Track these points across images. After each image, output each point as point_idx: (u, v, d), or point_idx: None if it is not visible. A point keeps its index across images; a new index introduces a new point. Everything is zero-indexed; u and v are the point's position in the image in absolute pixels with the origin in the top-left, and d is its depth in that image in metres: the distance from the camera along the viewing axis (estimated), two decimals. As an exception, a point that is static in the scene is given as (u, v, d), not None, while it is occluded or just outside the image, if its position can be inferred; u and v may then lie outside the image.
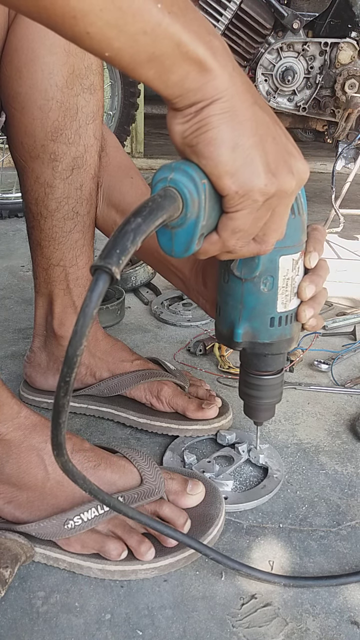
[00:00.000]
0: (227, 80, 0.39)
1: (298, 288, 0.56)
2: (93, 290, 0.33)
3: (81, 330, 0.34)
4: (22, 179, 0.77)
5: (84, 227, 0.79)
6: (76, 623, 0.54)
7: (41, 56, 0.68)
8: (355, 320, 1.16)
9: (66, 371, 0.35)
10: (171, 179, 0.40)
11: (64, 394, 0.36)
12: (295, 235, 0.54)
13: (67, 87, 0.70)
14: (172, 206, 0.39)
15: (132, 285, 1.33)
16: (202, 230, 0.43)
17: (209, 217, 0.42)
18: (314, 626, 0.54)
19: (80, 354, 0.34)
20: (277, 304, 0.55)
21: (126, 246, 0.34)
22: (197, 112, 0.40)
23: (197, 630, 0.53)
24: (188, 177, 0.40)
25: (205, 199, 0.41)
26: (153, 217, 0.37)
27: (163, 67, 0.37)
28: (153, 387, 0.82)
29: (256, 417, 0.65)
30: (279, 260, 0.53)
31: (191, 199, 0.40)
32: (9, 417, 0.59)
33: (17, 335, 1.11)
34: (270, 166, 0.42)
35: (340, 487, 0.72)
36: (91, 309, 0.33)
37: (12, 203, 1.95)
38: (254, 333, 0.56)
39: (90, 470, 0.60)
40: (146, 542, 0.58)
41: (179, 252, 0.43)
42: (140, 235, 0.35)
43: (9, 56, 0.68)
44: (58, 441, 0.39)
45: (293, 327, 0.58)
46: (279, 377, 0.63)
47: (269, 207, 0.44)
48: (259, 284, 0.54)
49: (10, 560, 0.55)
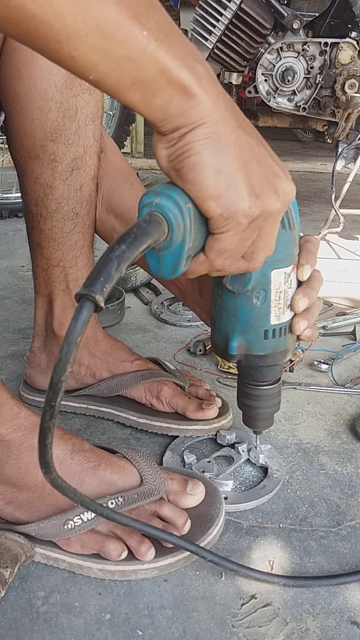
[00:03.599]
0: (210, 105, 0.40)
1: (291, 301, 0.57)
2: (77, 318, 0.35)
3: (65, 357, 0.35)
4: (22, 180, 0.77)
5: (83, 228, 0.79)
6: (76, 623, 0.54)
7: (40, 56, 0.68)
8: (355, 320, 1.16)
9: (51, 396, 0.36)
10: (156, 204, 0.41)
11: (50, 417, 0.37)
12: (286, 250, 0.54)
13: (66, 88, 0.70)
14: (157, 231, 0.40)
15: (132, 285, 1.33)
16: (189, 252, 0.43)
17: (194, 239, 0.43)
18: (314, 626, 0.54)
19: (65, 380, 0.35)
20: (270, 317, 0.56)
21: (110, 274, 0.35)
22: (181, 137, 0.40)
23: (197, 630, 0.53)
24: (173, 201, 0.41)
25: (190, 222, 0.42)
26: (137, 244, 0.37)
27: (147, 91, 0.38)
28: (153, 387, 0.82)
29: (255, 427, 0.66)
30: (271, 274, 0.54)
31: (176, 223, 0.41)
32: (9, 417, 0.59)
33: (17, 335, 1.11)
34: (255, 189, 0.43)
35: (340, 487, 0.72)
36: (75, 336, 0.34)
37: (12, 203, 1.95)
38: (248, 346, 0.57)
39: (90, 471, 0.60)
40: (146, 542, 0.58)
41: (167, 274, 0.44)
42: (124, 262, 0.36)
43: (8, 56, 0.68)
44: (45, 460, 0.40)
45: (287, 338, 0.58)
46: (276, 387, 0.63)
47: (255, 228, 0.45)
48: (251, 298, 0.54)
49: (10, 560, 0.55)
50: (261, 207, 0.43)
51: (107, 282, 0.35)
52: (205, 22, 1.73)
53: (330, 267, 1.55)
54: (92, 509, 0.48)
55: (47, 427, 0.37)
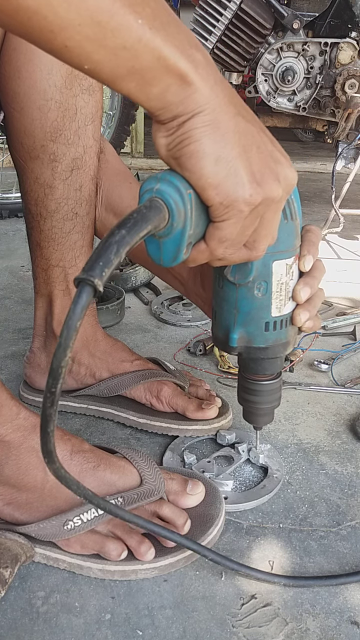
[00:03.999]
0: (208, 93, 0.39)
1: (293, 291, 0.56)
2: (76, 303, 0.34)
3: (65, 342, 0.34)
4: (22, 180, 0.77)
5: (82, 228, 0.79)
6: (76, 623, 0.54)
7: (40, 56, 0.68)
8: (355, 320, 1.16)
9: (51, 382, 0.35)
10: (157, 190, 0.41)
11: (51, 404, 0.36)
12: (288, 240, 0.53)
13: (66, 88, 0.70)
14: (158, 217, 0.40)
15: (132, 285, 1.33)
16: (190, 239, 0.43)
17: (196, 226, 0.43)
18: (314, 626, 0.54)
19: (65, 365, 0.35)
20: (271, 308, 0.55)
21: (109, 259, 0.35)
22: (180, 125, 0.40)
23: (197, 630, 0.53)
24: (173, 187, 0.41)
25: (191, 208, 0.41)
26: (137, 229, 0.37)
27: (144, 80, 0.38)
28: (153, 387, 0.82)
29: (255, 422, 0.66)
30: (272, 265, 0.53)
31: (177, 209, 0.41)
32: (9, 418, 0.59)
33: (17, 335, 1.11)
34: (255, 176, 0.42)
35: (340, 487, 0.72)
36: (75, 321, 0.34)
37: (12, 203, 1.95)
38: (249, 338, 0.56)
39: (90, 471, 0.60)
40: (146, 542, 0.58)
41: (167, 261, 0.44)
42: (123, 247, 0.36)
43: (8, 55, 0.68)
44: (48, 449, 0.39)
45: (289, 331, 0.58)
46: (277, 382, 0.63)
47: (257, 215, 0.44)
48: (252, 289, 0.54)
49: (10, 560, 0.55)
50: (262, 194, 0.42)
51: (106, 267, 0.35)
52: (205, 22, 1.73)
53: (330, 267, 1.55)
54: (94, 502, 0.48)
55: (49, 414, 0.37)
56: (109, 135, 2.15)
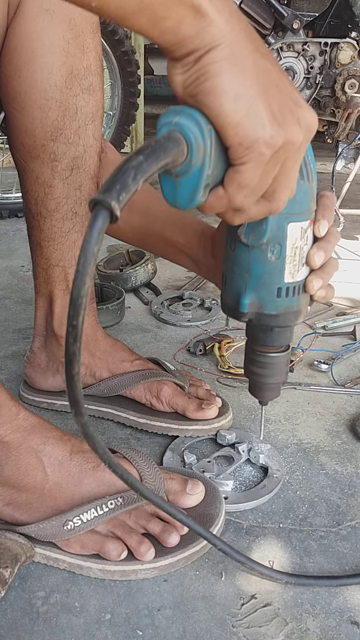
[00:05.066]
0: (224, 25, 0.37)
1: (307, 256, 0.54)
2: (93, 226, 0.32)
3: (83, 269, 0.32)
4: (22, 179, 0.77)
5: (82, 228, 0.79)
6: (76, 623, 0.54)
7: (40, 55, 0.68)
8: (355, 320, 1.16)
9: (72, 314, 0.33)
10: (176, 123, 0.38)
11: (74, 340, 0.33)
12: (304, 202, 0.52)
13: (66, 87, 0.70)
14: (176, 149, 0.37)
15: (132, 285, 1.33)
16: (208, 181, 0.41)
17: (214, 166, 0.40)
18: (314, 626, 0.54)
19: (86, 295, 0.32)
20: (284, 273, 0.53)
21: (127, 182, 0.33)
22: (196, 60, 0.38)
23: (197, 630, 0.53)
24: (193, 121, 0.38)
25: (211, 145, 0.39)
26: (156, 157, 0.35)
27: (155, 14, 0.36)
28: (153, 387, 0.82)
29: (261, 397, 0.64)
30: (287, 227, 0.51)
31: (196, 143, 0.38)
32: (8, 418, 0.59)
33: (17, 335, 1.11)
34: (276, 116, 0.40)
35: (340, 487, 0.72)
36: (92, 245, 0.32)
37: (12, 203, 1.95)
38: (260, 303, 0.55)
39: (90, 471, 0.60)
40: (146, 542, 0.58)
41: (183, 202, 0.41)
42: (141, 173, 0.34)
43: (9, 55, 0.68)
44: (74, 397, 0.35)
45: (300, 299, 0.56)
46: (285, 355, 0.61)
47: (277, 161, 0.42)
48: (266, 252, 0.52)
49: (10, 560, 0.55)
50: (284, 137, 0.40)
51: (124, 191, 0.32)
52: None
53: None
54: (119, 472, 0.45)
55: (73, 352, 0.33)
56: (109, 135, 2.15)
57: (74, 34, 0.68)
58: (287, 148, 0.41)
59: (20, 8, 0.66)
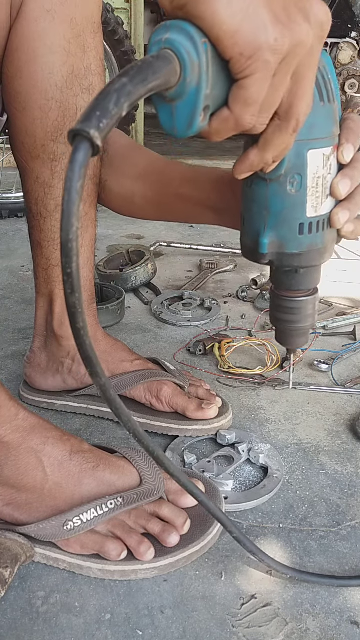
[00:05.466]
0: None
1: (331, 186, 0.49)
2: (73, 161, 0.29)
3: (68, 207, 0.29)
4: (23, 179, 0.77)
5: (82, 228, 0.79)
6: (76, 623, 0.54)
7: (41, 56, 0.68)
8: (355, 320, 1.16)
9: (65, 261, 0.30)
10: (166, 40, 0.34)
11: (71, 291, 0.30)
12: (325, 126, 0.47)
13: (66, 88, 0.70)
14: (167, 69, 0.33)
15: (132, 285, 1.33)
16: (207, 102, 0.36)
17: (213, 85, 0.36)
18: (314, 626, 0.54)
19: (75, 239, 0.30)
20: (306, 207, 0.49)
21: (107, 108, 0.29)
22: None
23: (197, 630, 0.53)
24: (185, 35, 0.34)
25: (207, 61, 0.35)
26: (142, 78, 0.31)
27: None
28: (153, 387, 0.82)
29: (289, 344, 0.60)
30: (307, 155, 0.46)
31: (190, 60, 0.34)
32: (7, 419, 0.59)
33: (17, 335, 1.11)
34: (279, 15, 0.35)
35: (340, 487, 0.72)
36: (75, 182, 0.29)
37: (12, 203, 1.95)
38: (281, 242, 0.50)
39: (89, 472, 0.60)
40: (145, 542, 0.58)
41: (181, 129, 0.37)
42: (125, 97, 0.30)
43: (11, 56, 0.68)
44: (86, 354, 0.32)
45: (326, 235, 0.51)
46: (313, 298, 0.57)
47: (288, 69, 0.37)
48: (285, 184, 0.47)
49: (10, 560, 0.55)
50: (290, 38, 0.35)
51: (105, 117, 0.29)
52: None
53: (330, 267, 1.55)
54: (138, 435, 0.42)
55: (72, 303, 0.31)
56: (109, 135, 2.15)
57: (75, 33, 0.68)
58: (297, 52, 0.36)
59: (23, 9, 0.66)
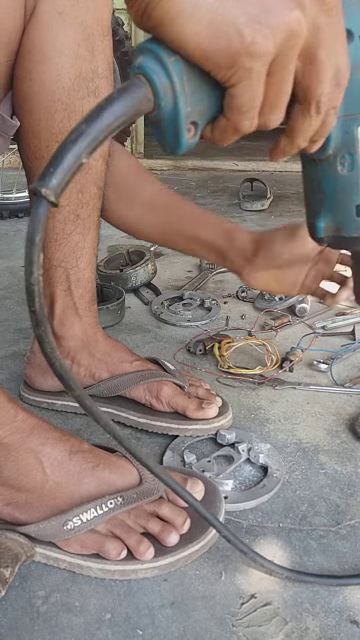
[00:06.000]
0: None
1: None
2: (33, 216, 0.31)
3: (30, 257, 0.31)
4: (28, 180, 0.79)
5: (84, 230, 0.79)
6: (76, 622, 0.54)
7: (50, 58, 0.68)
8: (354, 320, 1.16)
9: (29, 300, 0.33)
10: (139, 65, 0.33)
11: (37, 325, 0.34)
12: None
13: (73, 90, 0.70)
14: (133, 99, 0.32)
15: (132, 285, 1.33)
16: (192, 118, 0.35)
17: (196, 101, 0.34)
18: (313, 625, 0.54)
19: (37, 283, 0.32)
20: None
21: (62, 163, 0.30)
22: None
23: (197, 629, 0.54)
24: (154, 58, 0.33)
25: (181, 80, 0.33)
26: (102, 120, 0.31)
27: None
28: (152, 388, 0.82)
29: None
30: (357, 131, 0.43)
31: (160, 84, 0.33)
32: (6, 420, 0.59)
33: (17, 335, 1.12)
34: (254, 14, 0.31)
35: (340, 487, 0.72)
36: (35, 235, 0.31)
37: (13, 203, 1.95)
38: (337, 226, 0.47)
39: (89, 471, 0.60)
40: (145, 542, 0.58)
41: (173, 148, 0.36)
42: (83, 145, 0.30)
43: (22, 58, 0.69)
44: (57, 372, 0.36)
45: None
46: None
47: (285, 64, 0.33)
48: (335, 165, 0.44)
49: (10, 560, 0.55)
50: (273, 35, 0.31)
51: (59, 174, 0.30)
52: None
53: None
54: (117, 438, 0.44)
55: (39, 334, 0.34)
56: (109, 136, 2.15)
57: (85, 36, 0.69)
58: (291, 44, 0.32)
59: (36, 11, 0.66)
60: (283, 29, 0.31)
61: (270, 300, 1.23)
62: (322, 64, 0.34)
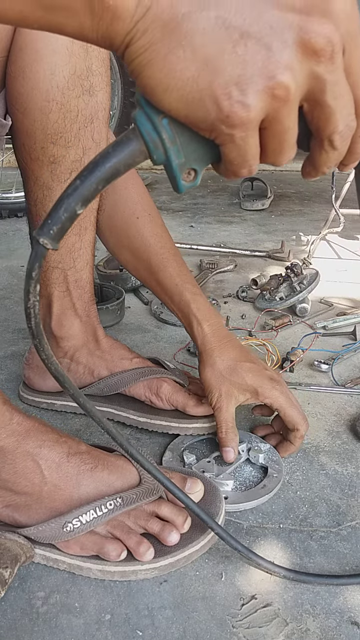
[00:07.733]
0: (130, 14, 0.30)
1: None
2: (32, 258, 0.36)
3: (27, 287, 0.38)
4: (24, 180, 0.78)
5: (80, 230, 0.79)
6: (76, 623, 0.54)
7: (44, 56, 0.68)
8: (355, 320, 1.16)
9: (27, 319, 0.40)
10: (134, 117, 0.35)
11: (33, 337, 0.41)
12: None
13: (67, 89, 0.70)
14: (125, 154, 0.35)
15: (132, 285, 1.33)
16: (187, 166, 0.36)
17: (188, 152, 0.35)
18: (314, 626, 0.54)
19: (33, 307, 0.38)
20: None
21: (58, 215, 0.35)
22: (121, 57, 0.33)
23: (197, 630, 0.53)
24: (144, 114, 0.34)
25: (171, 136, 0.34)
26: (96, 176, 0.34)
27: (50, 24, 0.31)
28: (152, 384, 0.82)
29: None
30: None
31: (150, 139, 0.34)
32: (2, 424, 0.59)
33: (17, 335, 1.11)
34: (232, 77, 0.30)
35: (341, 488, 0.72)
36: (33, 272, 0.37)
37: (12, 203, 1.95)
38: None
39: (87, 473, 0.60)
40: (145, 543, 0.57)
41: (174, 188, 0.38)
42: (77, 199, 0.34)
43: (14, 56, 0.68)
44: (54, 374, 0.43)
45: None
46: None
47: (279, 120, 0.32)
48: None
49: (10, 561, 0.55)
50: (255, 102, 0.30)
51: (55, 225, 0.35)
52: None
53: (330, 267, 1.55)
54: (121, 445, 0.49)
55: (35, 345, 0.42)
56: (109, 135, 2.15)
57: None
58: (279, 106, 0.31)
59: None
60: (268, 94, 0.31)
61: (271, 300, 1.23)
62: (329, 108, 0.33)
